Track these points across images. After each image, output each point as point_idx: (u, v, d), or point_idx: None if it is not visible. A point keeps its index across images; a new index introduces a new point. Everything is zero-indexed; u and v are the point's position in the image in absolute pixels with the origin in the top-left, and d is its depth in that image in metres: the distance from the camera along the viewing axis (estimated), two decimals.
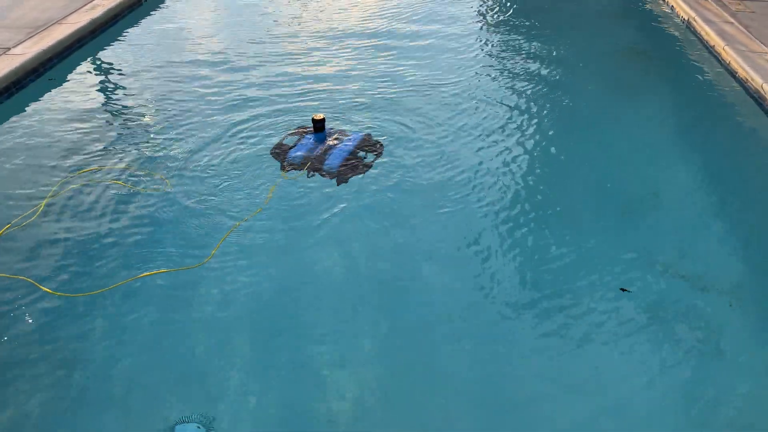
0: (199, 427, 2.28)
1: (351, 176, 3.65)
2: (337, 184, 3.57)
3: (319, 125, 4.02)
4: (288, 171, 3.67)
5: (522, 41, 5.71)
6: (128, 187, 3.52)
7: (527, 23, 6.11)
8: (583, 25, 6.19)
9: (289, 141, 4.01)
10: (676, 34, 5.80)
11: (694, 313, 2.84)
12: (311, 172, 3.67)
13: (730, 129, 4.39)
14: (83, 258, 3.02)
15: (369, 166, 3.75)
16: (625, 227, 3.39)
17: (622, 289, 2.92)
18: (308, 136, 4.06)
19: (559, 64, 5.24)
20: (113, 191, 3.48)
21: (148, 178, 3.60)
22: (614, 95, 4.79)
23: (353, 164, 3.76)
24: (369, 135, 4.11)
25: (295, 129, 4.16)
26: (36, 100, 4.30)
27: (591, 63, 5.27)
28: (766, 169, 3.92)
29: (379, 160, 3.83)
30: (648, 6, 6.52)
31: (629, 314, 2.83)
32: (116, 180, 3.58)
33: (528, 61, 5.28)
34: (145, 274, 2.94)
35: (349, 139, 4.03)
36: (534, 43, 5.62)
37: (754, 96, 4.45)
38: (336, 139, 4.03)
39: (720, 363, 2.62)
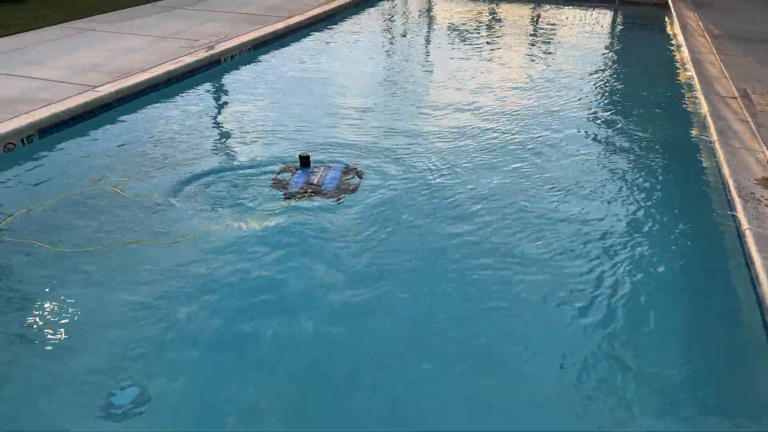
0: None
1: (346, 195, 4.42)
2: (337, 203, 4.31)
3: (305, 161, 4.75)
4: (290, 198, 4.35)
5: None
6: (121, 194, 4.34)
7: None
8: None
9: (283, 176, 4.69)
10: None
11: None
12: (311, 196, 4.37)
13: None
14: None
15: (356, 188, 4.53)
16: None
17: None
18: (298, 170, 4.73)
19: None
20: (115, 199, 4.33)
21: (146, 190, 4.41)
22: None
23: (344, 187, 4.53)
24: (347, 165, 4.89)
25: (283, 167, 4.85)
26: (100, 126, 5.44)
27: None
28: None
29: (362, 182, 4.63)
30: None
31: None
32: (115, 189, 4.44)
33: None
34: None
35: (334, 169, 4.78)
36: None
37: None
38: (323, 169, 4.78)
39: None
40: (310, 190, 4.47)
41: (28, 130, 4.87)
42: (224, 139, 5.41)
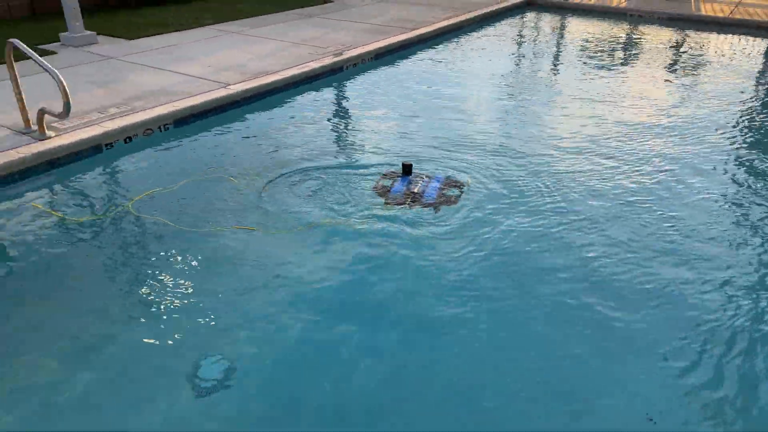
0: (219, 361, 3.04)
1: (443, 206, 4.45)
2: (435, 213, 4.35)
3: (407, 170, 4.83)
4: (389, 204, 4.46)
5: None
6: (236, 183, 4.67)
7: None
8: None
9: (384, 182, 4.80)
10: None
11: None
12: (412, 205, 4.45)
13: None
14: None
15: (457, 200, 4.53)
16: None
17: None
18: (399, 178, 4.82)
19: None
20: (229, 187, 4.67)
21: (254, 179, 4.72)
22: None
23: (444, 198, 4.55)
24: (450, 177, 4.87)
25: (385, 174, 4.94)
26: (228, 121, 5.89)
27: None
28: None
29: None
30: None
31: None
32: (231, 178, 4.78)
33: None
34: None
35: (436, 180, 4.81)
36: None
37: None
38: (425, 179, 4.83)
39: None
40: (410, 199, 4.54)
41: (166, 119, 5.44)
42: (334, 142, 5.64)
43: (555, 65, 8.71)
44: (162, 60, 7.25)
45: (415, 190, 4.64)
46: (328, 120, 6.15)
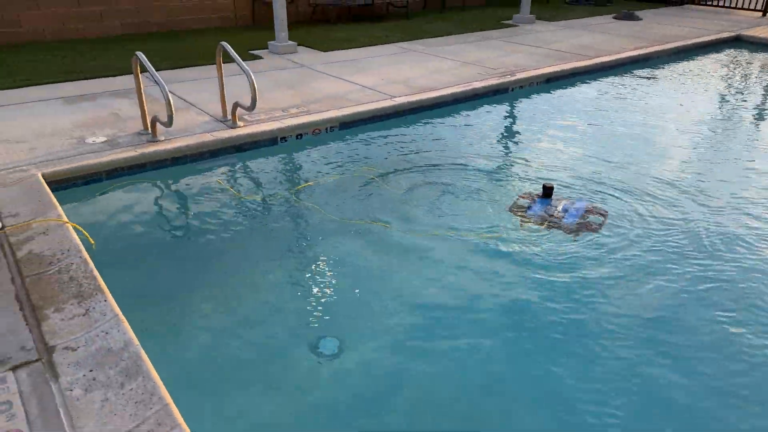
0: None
1: (584, 232, 4.39)
2: (574, 239, 4.32)
3: (548, 192, 4.82)
4: (527, 224, 4.56)
5: None
6: (382, 184, 5.06)
7: None
8: None
9: (522, 202, 4.84)
10: None
11: None
12: (550, 227, 4.48)
13: None
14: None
15: (599, 228, 4.43)
16: None
17: None
18: (538, 200, 4.83)
19: None
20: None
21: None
22: None
23: (585, 224, 4.49)
24: (592, 204, 4.76)
25: (524, 194, 4.95)
26: (387, 128, 6.38)
27: None
28: None
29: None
30: None
31: None
32: (377, 179, 5.18)
33: None
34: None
35: (578, 205, 4.75)
36: None
37: None
38: (565, 203, 4.79)
39: None
40: (548, 221, 4.53)
41: (333, 121, 6.09)
42: (481, 158, 5.77)
43: (761, 109, 7.78)
44: (344, 71, 8.05)
45: (555, 213, 4.62)
46: (480, 137, 6.31)
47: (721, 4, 15.63)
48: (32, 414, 2.42)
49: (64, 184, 4.69)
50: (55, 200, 4.20)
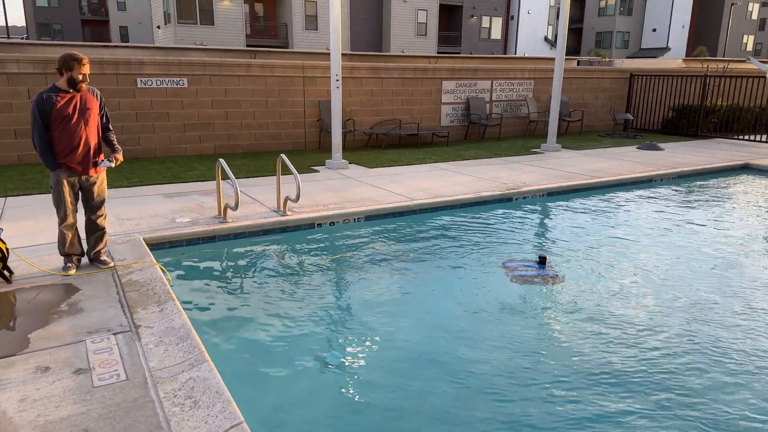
0: None
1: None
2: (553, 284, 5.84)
3: (542, 260, 6.35)
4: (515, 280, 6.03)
5: None
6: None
7: None
8: None
9: (511, 264, 6.25)
10: None
11: None
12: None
13: None
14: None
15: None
16: None
17: None
18: (530, 263, 6.31)
19: None
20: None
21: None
22: None
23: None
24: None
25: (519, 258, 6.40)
26: (400, 221, 8.01)
27: None
28: None
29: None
30: None
31: None
32: (391, 254, 6.69)
33: None
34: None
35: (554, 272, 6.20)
36: None
37: None
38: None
39: None
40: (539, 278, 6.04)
41: (358, 214, 7.86)
42: (471, 247, 7.18)
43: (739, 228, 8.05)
44: (380, 181, 9.94)
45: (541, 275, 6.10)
46: (478, 229, 7.76)
47: (751, 138, 16.51)
48: (123, 354, 3.97)
49: (157, 246, 6.56)
50: (149, 252, 6.03)
